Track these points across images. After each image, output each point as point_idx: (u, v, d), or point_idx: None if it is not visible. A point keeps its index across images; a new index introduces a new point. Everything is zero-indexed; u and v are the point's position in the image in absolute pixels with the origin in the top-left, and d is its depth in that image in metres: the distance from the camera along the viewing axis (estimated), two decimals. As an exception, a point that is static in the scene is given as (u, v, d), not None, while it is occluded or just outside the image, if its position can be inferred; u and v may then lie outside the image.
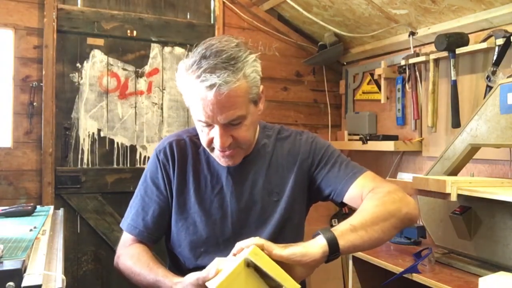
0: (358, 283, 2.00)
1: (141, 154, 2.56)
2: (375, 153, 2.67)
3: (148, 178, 1.27)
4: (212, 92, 1.01)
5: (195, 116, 1.10)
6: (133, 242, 1.24)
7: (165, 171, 1.23)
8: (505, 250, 1.48)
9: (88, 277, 2.43)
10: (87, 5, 2.47)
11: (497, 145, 1.63)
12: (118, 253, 1.25)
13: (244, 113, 1.08)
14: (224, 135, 1.08)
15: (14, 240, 1.19)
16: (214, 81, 1.01)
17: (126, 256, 1.20)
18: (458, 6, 2.02)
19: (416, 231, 1.93)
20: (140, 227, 1.23)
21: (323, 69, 3.01)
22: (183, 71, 1.09)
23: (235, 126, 1.08)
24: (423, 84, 2.35)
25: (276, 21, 2.88)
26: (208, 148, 1.16)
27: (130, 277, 1.17)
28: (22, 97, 2.31)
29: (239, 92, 1.05)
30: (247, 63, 1.06)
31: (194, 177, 1.22)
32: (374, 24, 2.48)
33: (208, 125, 1.09)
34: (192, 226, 1.21)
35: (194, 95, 1.06)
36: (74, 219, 2.40)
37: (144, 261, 1.16)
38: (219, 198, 1.20)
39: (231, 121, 1.06)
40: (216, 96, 1.02)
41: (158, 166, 1.24)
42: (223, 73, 1.01)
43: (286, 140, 1.26)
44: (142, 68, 2.58)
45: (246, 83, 1.06)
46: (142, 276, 1.13)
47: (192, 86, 1.06)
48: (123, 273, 1.20)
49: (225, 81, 1.01)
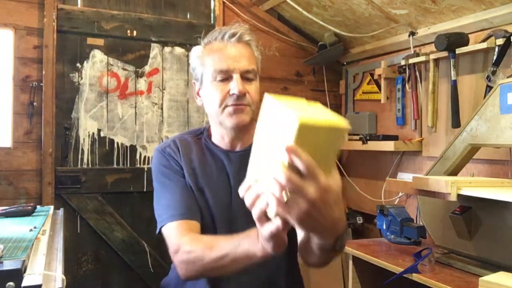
0: (358, 283, 2.00)
1: (141, 154, 2.56)
2: (375, 153, 2.67)
3: (165, 171, 1.24)
4: (234, 39, 1.19)
5: (213, 73, 1.20)
6: (185, 230, 1.11)
7: (175, 160, 1.26)
8: (505, 250, 1.48)
9: (88, 277, 2.43)
10: (87, 5, 2.47)
11: (497, 145, 1.63)
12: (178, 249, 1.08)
13: (256, 70, 1.23)
14: (242, 82, 1.19)
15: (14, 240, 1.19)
16: (237, 30, 1.20)
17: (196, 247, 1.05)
18: (458, 6, 2.02)
19: (416, 231, 1.93)
20: (183, 210, 1.15)
21: (323, 69, 3.01)
22: (199, 48, 1.25)
23: (248, 82, 1.20)
24: (423, 84, 2.35)
25: (276, 21, 2.88)
26: (220, 108, 1.20)
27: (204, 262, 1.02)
28: (22, 97, 2.31)
29: (253, 51, 1.24)
30: (255, 41, 1.27)
31: (200, 164, 1.25)
32: (374, 24, 2.48)
33: (225, 79, 1.19)
34: (204, 208, 1.21)
35: (214, 51, 1.20)
36: (74, 219, 2.40)
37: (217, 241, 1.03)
38: (224, 181, 1.24)
39: (248, 71, 1.19)
40: (236, 44, 1.19)
41: (167, 157, 1.26)
42: (243, 29, 1.23)
43: None
44: (142, 68, 2.58)
45: (256, 51, 1.26)
46: (231, 255, 0.97)
47: (212, 46, 1.22)
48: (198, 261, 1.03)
49: (246, 33, 1.22)
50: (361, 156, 2.83)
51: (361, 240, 2.25)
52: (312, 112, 0.75)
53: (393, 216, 2.03)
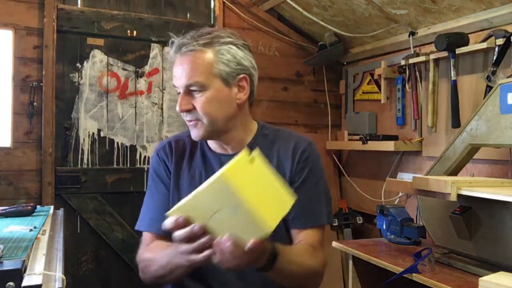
0: (358, 283, 2.00)
1: (141, 154, 2.56)
2: (375, 153, 2.67)
3: (154, 176, 1.29)
4: (181, 51, 1.12)
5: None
6: (152, 240, 1.23)
7: (165, 165, 1.27)
8: (505, 250, 1.47)
9: (88, 277, 2.43)
10: (87, 5, 2.47)
11: (497, 145, 1.63)
12: (139, 257, 1.22)
13: (204, 82, 1.11)
14: (183, 98, 1.13)
15: (14, 240, 1.19)
16: (178, 42, 1.13)
17: (146, 257, 1.19)
18: (458, 6, 2.02)
19: (416, 231, 1.93)
20: (153, 222, 1.22)
21: (323, 69, 3.01)
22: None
23: (196, 94, 1.13)
24: (423, 84, 2.35)
25: (276, 21, 2.88)
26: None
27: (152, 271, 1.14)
28: (22, 97, 2.31)
29: (200, 60, 1.11)
30: (222, 43, 1.13)
31: (189, 171, 1.24)
32: (374, 24, 2.48)
33: (180, 92, 1.15)
34: None
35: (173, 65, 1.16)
36: (74, 219, 2.40)
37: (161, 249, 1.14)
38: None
39: (190, 85, 1.12)
40: (182, 57, 1.12)
41: (160, 162, 1.28)
42: (189, 39, 1.12)
43: (283, 142, 1.25)
44: (142, 68, 2.58)
45: (212, 55, 1.12)
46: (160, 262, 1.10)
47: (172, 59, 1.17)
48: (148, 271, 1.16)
49: (187, 43, 1.11)
50: (361, 156, 2.83)
51: (361, 240, 2.25)
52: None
53: (393, 216, 2.03)
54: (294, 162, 1.21)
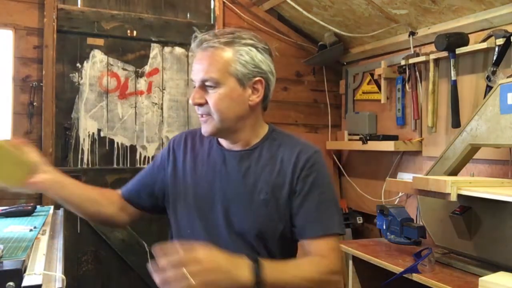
0: (358, 283, 2.00)
1: (141, 154, 2.56)
2: (375, 153, 2.67)
3: (156, 158, 1.37)
4: (201, 47, 1.14)
5: None
6: (118, 196, 1.35)
7: (173, 151, 1.32)
8: (505, 250, 1.48)
9: (88, 277, 2.43)
10: (87, 5, 2.47)
11: (497, 145, 1.63)
12: None
13: (219, 79, 1.13)
14: (197, 92, 1.16)
15: (14, 240, 1.20)
16: (200, 37, 1.16)
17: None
18: (458, 6, 2.02)
19: (416, 231, 1.93)
20: (129, 187, 1.35)
21: (323, 69, 3.01)
22: None
23: (210, 90, 1.15)
24: (423, 84, 2.35)
25: (276, 21, 2.88)
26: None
27: None
28: (22, 97, 2.31)
29: (219, 57, 1.13)
30: (242, 44, 1.16)
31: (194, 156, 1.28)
32: (374, 24, 2.48)
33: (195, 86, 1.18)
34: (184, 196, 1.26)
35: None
36: (74, 219, 2.39)
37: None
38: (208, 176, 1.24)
39: (205, 80, 1.14)
40: (202, 52, 1.14)
41: (170, 147, 1.33)
42: (211, 36, 1.15)
43: (289, 148, 1.23)
44: (142, 68, 2.58)
45: (231, 55, 1.14)
46: None
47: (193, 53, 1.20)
48: None
49: (209, 39, 1.14)
50: (361, 156, 2.83)
51: (361, 240, 2.25)
52: None
53: (393, 216, 2.03)
54: (297, 168, 1.19)
